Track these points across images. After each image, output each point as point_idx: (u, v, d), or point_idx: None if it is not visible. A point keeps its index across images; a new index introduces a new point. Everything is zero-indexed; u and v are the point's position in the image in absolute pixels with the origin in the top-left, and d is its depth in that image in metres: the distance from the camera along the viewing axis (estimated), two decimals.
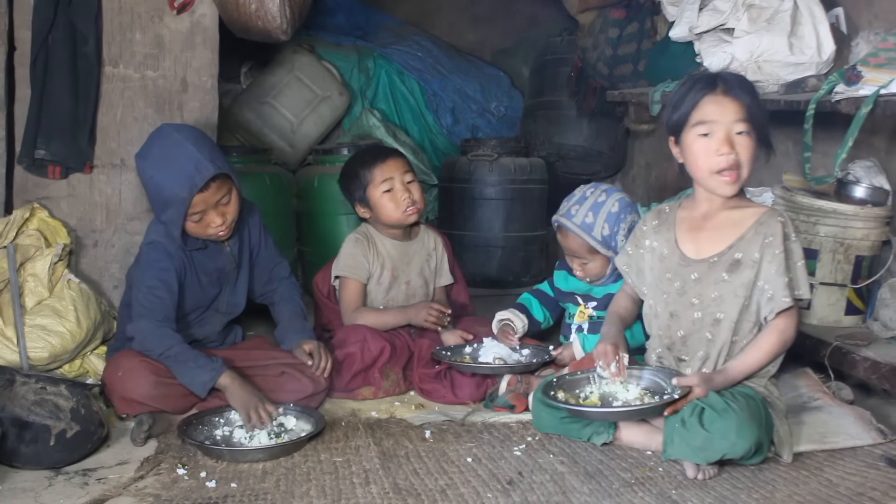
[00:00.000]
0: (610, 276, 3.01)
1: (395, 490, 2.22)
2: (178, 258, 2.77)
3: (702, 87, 2.36)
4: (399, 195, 3.16)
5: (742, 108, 2.32)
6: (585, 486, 2.23)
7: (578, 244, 2.96)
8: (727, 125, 2.33)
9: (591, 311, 3.03)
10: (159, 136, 2.75)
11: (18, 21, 3.12)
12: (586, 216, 2.93)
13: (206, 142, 2.76)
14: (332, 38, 5.42)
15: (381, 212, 3.19)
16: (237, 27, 3.33)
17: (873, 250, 3.05)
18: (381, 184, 3.17)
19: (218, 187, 2.72)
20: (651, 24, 4.28)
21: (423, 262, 3.30)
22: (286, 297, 3.05)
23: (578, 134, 5.10)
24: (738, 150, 2.33)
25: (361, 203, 3.24)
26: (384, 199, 3.17)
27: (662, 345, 2.55)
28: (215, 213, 2.75)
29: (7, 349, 2.77)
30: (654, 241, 2.56)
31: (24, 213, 3.04)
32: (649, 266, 2.57)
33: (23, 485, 2.25)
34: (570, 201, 3.00)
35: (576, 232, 2.94)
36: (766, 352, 2.39)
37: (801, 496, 2.18)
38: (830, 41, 3.12)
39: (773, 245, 2.36)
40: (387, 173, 3.18)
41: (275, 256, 3.10)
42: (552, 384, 2.51)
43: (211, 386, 2.59)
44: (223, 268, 2.90)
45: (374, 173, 3.18)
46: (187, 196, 2.65)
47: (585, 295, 3.08)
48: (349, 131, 5.10)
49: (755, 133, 2.34)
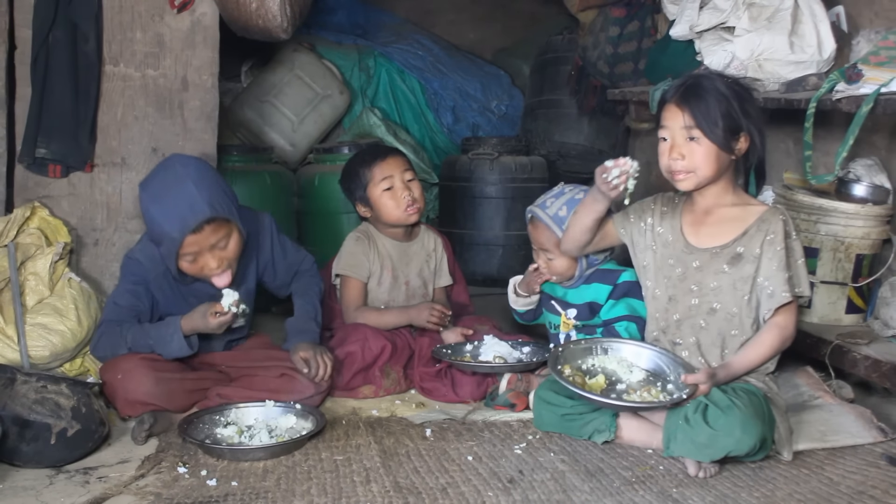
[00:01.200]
0: (579, 279, 2.95)
1: (395, 488, 2.22)
2: (156, 284, 2.72)
3: (666, 94, 2.48)
4: (399, 193, 3.16)
5: (692, 116, 2.39)
6: (586, 485, 2.24)
7: (547, 237, 2.91)
8: (678, 131, 2.43)
9: (574, 320, 2.96)
10: (163, 169, 2.69)
11: (19, 20, 3.12)
12: (560, 209, 2.89)
13: (209, 181, 2.64)
14: (333, 36, 5.42)
15: (382, 210, 3.19)
16: (238, 26, 3.33)
17: (874, 249, 3.05)
18: (380, 182, 3.17)
19: (214, 230, 2.61)
20: (651, 23, 4.29)
21: (423, 262, 3.30)
22: (300, 292, 3.02)
23: (579, 132, 5.10)
24: (689, 155, 2.42)
25: (362, 202, 3.24)
26: (384, 198, 3.17)
27: (658, 328, 2.58)
28: (210, 257, 2.65)
29: (8, 348, 2.77)
30: (659, 226, 2.59)
31: (25, 211, 3.04)
32: (645, 245, 2.60)
33: (24, 483, 2.25)
34: (547, 194, 2.99)
35: (546, 223, 2.90)
36: (766, 347, 2.42)
37: (802, 494, 2.18)
38: (831, 40, 3.12)
39: (774, 242, 2.40)
40: (386, 171, 3.18)
41: (295, 262, 3.06)
42: (558, 357, 2.54)
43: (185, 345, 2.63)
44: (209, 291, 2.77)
45: (373, 172, 3.18)
46: (178, 237, 2.56)
47: (562, 301, 3.01)
48: (350, 130, 5.10)
49: (712, 137, 2.39)
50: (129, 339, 2.67)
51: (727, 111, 2.39)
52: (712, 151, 2.41)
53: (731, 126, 2.40)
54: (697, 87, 2.42)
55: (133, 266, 2.75)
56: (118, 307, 2.73)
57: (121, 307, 2.73)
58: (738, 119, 2.40)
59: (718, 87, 2.41)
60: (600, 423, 2.49)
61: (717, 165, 2.43)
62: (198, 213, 2.56)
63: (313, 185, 4.32)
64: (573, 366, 2.55)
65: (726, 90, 2.41)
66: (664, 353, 2.51)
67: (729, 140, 2.41)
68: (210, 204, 2.58)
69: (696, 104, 2.40)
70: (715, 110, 2.39)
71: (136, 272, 2.74)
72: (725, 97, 2.40)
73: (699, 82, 2.44)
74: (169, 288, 2.76)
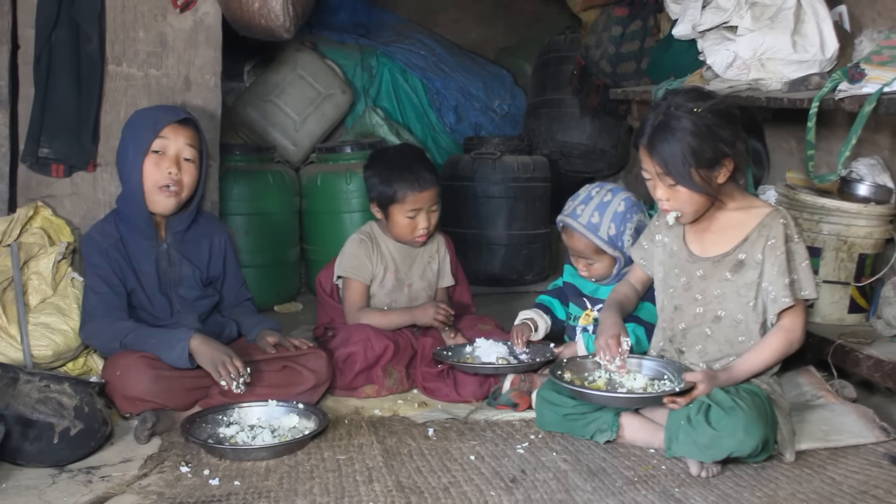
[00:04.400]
0: (616, 276, 2.96)
1: (398, 488, 2.22)
2: (107, 254, 2.80)
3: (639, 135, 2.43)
4: (419, 224, 3.14)
5: (662, 165, 2.37)
6: (588, 484, 2.24)
7: (584, 244, 2.92)
8: (656, 177, 2.42)
9: (596, 313, 2.99)
10: None
11: (22, 19, 3.12)
12: (592, 216, 2.89)
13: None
14: (335, 36, 5.42)
15: (394, 228, 3.17)
16: (240, 25, 3.33)
17: (876, 248, 3.05)
18: (408, 210, 3.12)
19: (180, 132, 2.81)
20: (654, 22, 4.29)
21: (426, 264, 3.29)
22: (245, 313, 3.08)
23: (581, 132, 5.09)
24: (672, 198, 2.41)
25: (380, 207, 3.18)
26: (403, 221, 3.14)
27: (665, 337, 2.58)
28: (172, 159, 2.80)
29: (11, 347, 2.77)
30: (665, 237, 2.59)
31: (28, 211, 3.05)
32: (659, 260, 2.61)
33: (27, 482, 2.26)
34: (574, 201, 2.96)
35: (581, 232, 2.90)
36: (772, 350, 2.40)
37: (804, 494, 2.18)
38: (834, 39, 3.12)
39: (775, 247, 2.39)
40: (419, 204, 3.12)
41: (240, 278, 3.12)
42: (561, 365, 2.55)
43: (186, 355, 2.63)
44: (157, 267, 2.87)
45: (406, 198, 3.10)
46: (165, 117, 2.80)
47: (592, 297, 3.04)
48: (352, 129, 5.10)
49: (687, 184, 2.36)
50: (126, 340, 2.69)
51: (699, 149, 2.31)
52: (686, 194, 2.39)
53: (707, 162, 2.33)
54: (665, 130, 2.35)
55: (87, 247, 2.84)
56: (99, 296, 2.77)
57: (100, 295, 2.77)
58: (713, 151, 2.33)
59: (686, 127, 2.32)
60: (602, 423, 2.49)
61: (703, 199, 2.41)
62: (168, 113, 2.85)
63: (316, 184, 4.32)
64: (576, 375, 2.55)
65: (694, 126, 2.31)
66: (668, 362, 2.51)
67: (709, 175, 2.35)
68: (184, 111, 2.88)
69: (666, 151, 2.34)
70: (685, 156, 2.32)
71: (92, 250, 2.82)
72: (695, 134, 2.31)
73: (666, 124, 2.35)
74: (115, 258, 2.82)
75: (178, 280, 2.91)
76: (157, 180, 2.79)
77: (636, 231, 2.85)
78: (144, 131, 2.80)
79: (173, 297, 2.90)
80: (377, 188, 3.16)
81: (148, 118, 2.84)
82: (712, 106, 2.35)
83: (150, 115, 2.86)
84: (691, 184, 2.36)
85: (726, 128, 2.34)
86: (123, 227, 2.86)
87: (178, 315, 2.89)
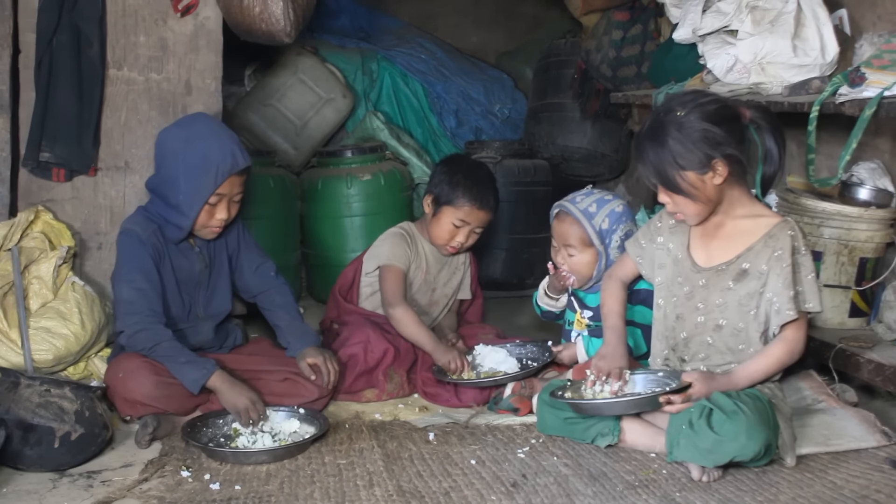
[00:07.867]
0: (597, 280, 2.95)
1: (398, 492, 2.22)
2: (150, 245, 2.76)
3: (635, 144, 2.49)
4: (459, 236, 3.21)
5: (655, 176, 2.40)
6: (589, 489, 2.23)
7: (575, 231, 2.93)
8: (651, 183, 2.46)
9: (588, 320, 2.99)
10: (200, 115, 2.95)
11: (23, 24, 3.12)
12: (590, 206, 2.93)
13: None
14: (336, 40, 5.42)
15: (435, 228, 3.24)
16: (241, 30, 3.33)
17: (877, 252, 3.05)
18: (458, 218, 3.19)
19: (236, 179, 2.78)
20: (654, 26, 4.28)
21: (452, 273, 3.34)
22: (280, 303, 3.01)
23: (582, 136, 5.09)
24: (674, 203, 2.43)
25: (434, 204, 3.24)
26: (448, 226, 3.21)
27: (668, 346, 2.58)
28: (224, 206, 2.79)
29: (11, 352, 2.77)
30: (669, 242, 2.58)
31: (29, 215, 3.05)
32: (659, 264, 2.59)
33: (27, 487, 2.26)
34: (575, 193, 3.02)
35: (576, 216, 2.92)
36: (773, 359, 2.41)
37: (806, 499, 2.18)
38: (834, 43, 3.12)
39: (781, 259, 2.38)
40: (470, 218, 3.20)
41: (257, 255, 3.06)
42: (564, 387, 2.54)
43: (202, 384, 2.59)
44: (192, 268, 2.88)
45: (463, 207, 3.19)
46: (227, 170, 2.72)
47: (582, 301, 3.03)
48: (353, 134, 5.10)
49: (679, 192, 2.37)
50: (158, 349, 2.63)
51: (681, 153, 2.32)
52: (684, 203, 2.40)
53: (694, 165, 2.33)
54: (650, 138, 2.37)
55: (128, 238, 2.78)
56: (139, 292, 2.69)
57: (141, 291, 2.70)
58: (699, 154, 2.32)
59: (668, 132, 2.32)
60: (603, 427, 2.48)
61: (704, 203, 2.41)
62: (244, 154, 2.80)
63: (317, 188, 4.31)
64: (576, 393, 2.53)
65: (677, 130, 2.32)
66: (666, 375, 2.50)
67: (699, 179, 2.35)
68: (248, 154, 2.82)
69: (652, 159, 2.37)
70: (670, 162, 2.33)
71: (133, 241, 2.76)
72: (677, 139, 2.32)
73: (652, 131, 2.37)
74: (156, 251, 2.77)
75: (213, 288, 2.92)
76: (207, 222, 2.80)
77: (624, 238, 2.85)
78: (204, 181, 2.72)
79: (200, 301, 2.89)
80: (442, 184, 3.23)
81: (209, 165, 2.71)
82: (702, 107, 2.33)
83: (212, 161, 2.72)
84: (681, 189, 2.36)
85: (716, 128, 2.32)
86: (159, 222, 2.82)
87: (195, 319, 2.88)
